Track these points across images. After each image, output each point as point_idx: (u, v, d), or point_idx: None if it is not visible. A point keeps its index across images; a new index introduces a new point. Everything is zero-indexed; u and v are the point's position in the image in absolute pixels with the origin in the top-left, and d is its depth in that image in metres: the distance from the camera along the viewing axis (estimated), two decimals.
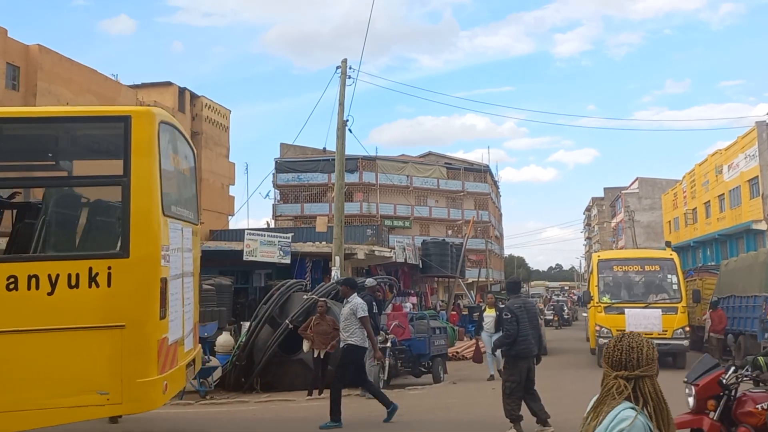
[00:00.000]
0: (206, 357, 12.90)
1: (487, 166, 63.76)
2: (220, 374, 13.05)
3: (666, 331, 14.55)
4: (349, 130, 18.88)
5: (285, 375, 12.30)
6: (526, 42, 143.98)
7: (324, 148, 46.95)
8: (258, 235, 20.84)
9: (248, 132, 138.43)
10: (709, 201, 40.26)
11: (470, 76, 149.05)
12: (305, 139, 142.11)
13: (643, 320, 14.37)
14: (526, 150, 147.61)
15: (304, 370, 12.36)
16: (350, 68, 18.96)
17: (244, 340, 13.05)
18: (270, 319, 12.88)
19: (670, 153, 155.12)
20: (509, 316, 7.73)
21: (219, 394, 12.33)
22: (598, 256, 17.04)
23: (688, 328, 15.11)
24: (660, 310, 14.87)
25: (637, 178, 65.48)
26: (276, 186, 54.61)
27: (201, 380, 12.23)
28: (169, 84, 41.23)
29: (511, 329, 7.65)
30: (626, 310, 14.91)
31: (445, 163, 62.07)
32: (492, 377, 13.36)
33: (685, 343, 14.75)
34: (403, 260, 28.80)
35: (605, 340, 13.68)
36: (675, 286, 15.57)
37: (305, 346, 11.82)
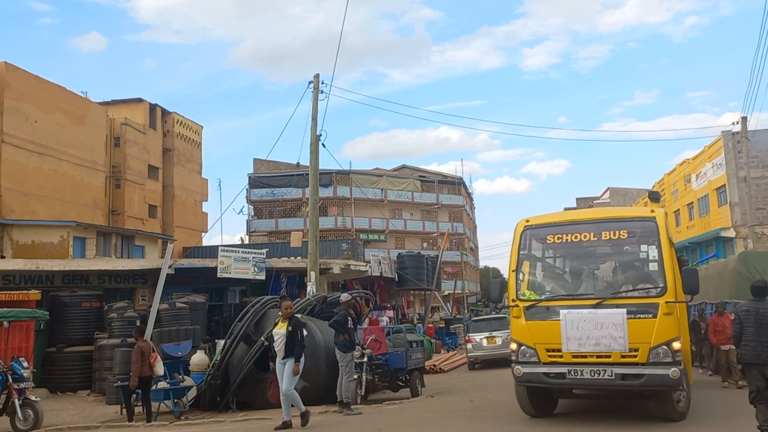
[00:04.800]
0: (181, 376, 12.75)
1: (461, 179, 64.31)
2: (194, 394, 12.86)
3: (635, 351, 8.01)
4: (323, 145, 18.90)
5: (261, 393, 12.16)
6: (495, 56, 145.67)
7: (298, 163, 46.84)
8: (232, 251, 20.65)
9: (221, 148, 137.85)
10: (678, 210, 40.99)
11: (442, 90, 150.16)
12: (279, 154, 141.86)
13: (594, 331, 8.11)
14: (500, 162, 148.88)
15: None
16: (323, 83, 19.00)
17: (219, 358, 12.87)
18: (245, 337, 12.75)
19: (639, 163, 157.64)
20: (734, 317, 7.87)
21: (194, 414, 12.13)
22: (526, 222, 9.45)
23: (678, 345, 8.00)
24: (623, 310, 8.06)
25: (608, 188, 66.38)
26: (250, 201, 54.37)
27: (175, 400, 12.04)
28: (140, 100, 40.85)
29: (735, 331, 7.63)
30: (562, 313, 8.32)
31: (419, 176, 62.40)
32: (285, 424, 9.34)
33: (673, 372, 7.83)
34: (379, 274, 28.77)
35: (527, 369, 8.55)
36: (654, 266, 8.61)
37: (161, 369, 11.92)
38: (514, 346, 8.81)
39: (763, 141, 31.31)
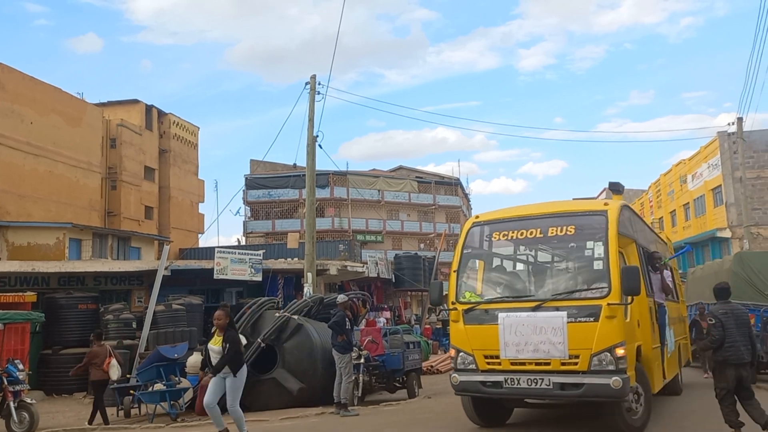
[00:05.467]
0: (177, 378, 12.72)
1: (458, 179, 64.24)
2: (191, 396, 12.82)
3: (576, 357, 7.36)
4: (319, 146, 18.92)
5: (258, 395, 12.13)
6: (491, 57, 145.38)
7: (294, 164, 46.99)
8: (228, 252, 20.59)
9: (217, 149, 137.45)
10: (674, 210, 41.09)
11: (438, 90, 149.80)
12: (275, 155, 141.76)
13: (532, 335, 7.53)
14: (496, 162, 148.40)
15: (278, 390, 12.23)
16: (319, 84, 19.02)
17: None
18: None
19: (636, 163, 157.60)
20: (713, 321, 7.73)
21: (190, 417, 12.10)
22: (475, 219, 9.13)
23: (621, 351, 7.26)
24: (563, 313, 7.47)
25: (604, 189, 66.41)
26: (246, 203, 54.33)
27: (172, 402, 12.01)
28: (136, 102, 40.86)
29: (717, 334, 7.56)
30: (501, 316, 7.75)
31: (416, 176, 62.39)
32: None
33: (614, 382, 7.11)
34: (376, 275, 28.74)
35: (464, 377, 7.99)
36: (599, 265, 7.78)
37: (115, 373, 12.05)
38: (452, 352, 8.24)
39: (758, 141, 31.44)
